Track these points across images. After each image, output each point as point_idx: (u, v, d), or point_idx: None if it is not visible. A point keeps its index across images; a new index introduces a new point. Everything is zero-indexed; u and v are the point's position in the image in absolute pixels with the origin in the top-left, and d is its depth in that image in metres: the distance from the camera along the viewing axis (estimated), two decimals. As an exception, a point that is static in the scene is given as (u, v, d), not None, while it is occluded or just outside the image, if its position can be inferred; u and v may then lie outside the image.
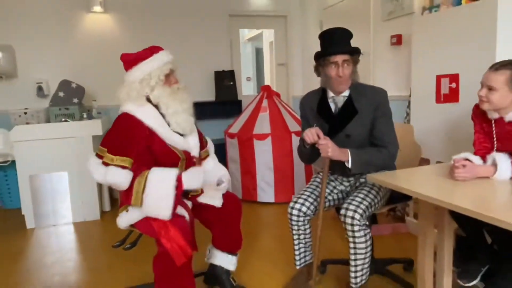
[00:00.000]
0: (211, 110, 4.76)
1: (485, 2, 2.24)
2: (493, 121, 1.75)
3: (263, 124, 3.82)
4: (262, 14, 5.06)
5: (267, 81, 7.43)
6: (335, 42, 1.96)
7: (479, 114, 1.82)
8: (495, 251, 1.82)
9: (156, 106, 1.86)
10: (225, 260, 2.12)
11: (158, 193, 1.67)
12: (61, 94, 3.88)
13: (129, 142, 1.76)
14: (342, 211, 1.85)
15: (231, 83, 4.79)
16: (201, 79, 4.83)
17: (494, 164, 1.62)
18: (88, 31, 4.40)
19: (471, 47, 2.32)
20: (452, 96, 2.47)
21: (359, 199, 1.87)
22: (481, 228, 1.81)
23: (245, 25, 5.18)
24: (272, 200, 3.82)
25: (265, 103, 4.00)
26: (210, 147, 2.31)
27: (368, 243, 1.85)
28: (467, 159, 1.68)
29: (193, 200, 1.98)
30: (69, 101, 3.86)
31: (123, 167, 1.71)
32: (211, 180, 2.02)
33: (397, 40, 3.39)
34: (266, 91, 4.09)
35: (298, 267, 2.16)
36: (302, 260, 2.14)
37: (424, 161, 2.61)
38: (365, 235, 1.83)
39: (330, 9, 4.48)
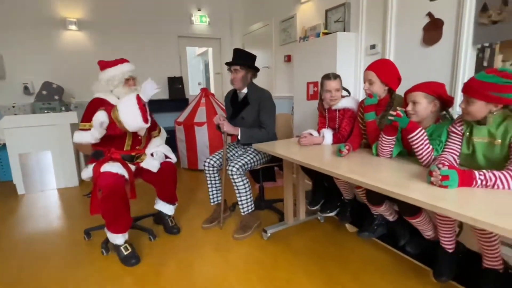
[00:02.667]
0: (166, 105, 4.79)
1: (331, 36, 2.59)
2: (327, 110, 2.11)
3: (201, 115, 3.98)
4: (203, 37, 5.13)
5: (212, 86, 7.48)
6: (233, 58, 2.21)
7: (320, 106, 2.17)
8: (328, 189, 2.19)
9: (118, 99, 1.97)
10: (165, 207, 2.25)
11: (129, 111, 1.80)
12: (44, 92, 3.71)
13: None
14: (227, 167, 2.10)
15: (180, 86, 4.85)
16: (158, 83, 4.79)
17: (324, 136, 1.99)
18: (66, 44, 4.18)
19: (324, 63, 2.68)
20: (315, 95, 2.82)
21: (238, 160, 2.11)
22: (320, 175, 2.18)
23: (191, 44, 5.19)
24: (208, 168, 4.02)
25: (203, 100, 4.14)
26: (163, 133, 2.36)
27: (246, 185, 2.09)
28: (310, 133, 2.02)
29: (137, 165, 2.07)
30: (51, 98, 3.71)
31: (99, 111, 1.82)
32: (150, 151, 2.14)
33: (288, 58, 3.67)
34: (204, 92, 4.23)
35: (212, 204, 2.38)
36: (215, 199, 2.36)
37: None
38: (242, 180, 2.07)
39: (249, 35, 4.69)
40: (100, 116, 1.80)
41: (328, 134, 1.94)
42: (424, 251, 1.57)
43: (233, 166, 2.08)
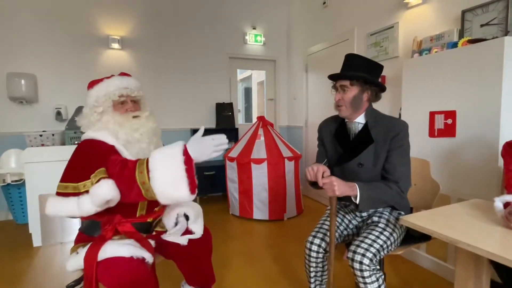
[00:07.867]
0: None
1: (487, 44, 1.72)
2: None
3: (259, 150, 3.19)
4: (256, 58, 4.49)
5: (254, 114, 6.86)
6: (344, 68, 1.41)
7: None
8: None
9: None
10: None
11: (168, 175, 1.01)
12: (77, 118, 3.13)
13: (95, 162, 1.11)
14: (350, 254, 1.23)
15: (230, 113, 4.15)
16: (204, 109, 4.17)
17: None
18: (106, 64, 3.69)
19: (473, 83, 1.80)
20: (448, 130, 1.93)
21: (369, 241, 1.25)
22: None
23: (242, 66, 4.57)
24: (266, 217, 3.16)
25: (260, 131, 3.38)
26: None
27: (382, 285, 1.23)
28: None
29: (158, 238, 1.29)
30: (84, 125, 3.13)
31: (102, 179, 1.05)
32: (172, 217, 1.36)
33: (381, 80, 2.86)
34: (261, 121, 3.48)
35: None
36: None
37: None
38: (377, 279, 1.21)
39: (313, 55, 3.96)
40: (104, 192, 1.03)
41: None
42: None
43: (363, 255, 1.20)
